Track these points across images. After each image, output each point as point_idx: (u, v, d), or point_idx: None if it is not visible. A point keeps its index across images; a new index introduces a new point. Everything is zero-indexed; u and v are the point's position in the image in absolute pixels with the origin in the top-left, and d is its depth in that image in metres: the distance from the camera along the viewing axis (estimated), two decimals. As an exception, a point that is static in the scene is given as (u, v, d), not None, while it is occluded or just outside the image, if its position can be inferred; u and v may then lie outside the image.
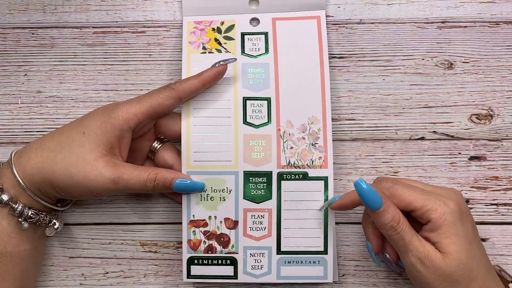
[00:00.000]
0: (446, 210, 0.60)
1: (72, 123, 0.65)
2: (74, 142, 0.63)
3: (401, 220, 0.60)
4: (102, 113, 0.64)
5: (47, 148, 0.63)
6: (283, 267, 0.69)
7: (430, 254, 0.59)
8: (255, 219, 0.69)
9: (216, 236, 0.69)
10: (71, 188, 0.63)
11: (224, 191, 0.68)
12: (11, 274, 0.64)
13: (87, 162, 0.62)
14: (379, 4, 0.72)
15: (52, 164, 0.62)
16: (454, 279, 0.59)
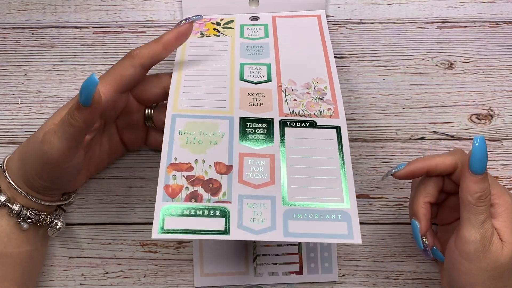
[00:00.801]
0: (511, 200, 0.60)
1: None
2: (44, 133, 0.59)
3: (489, 195, 0.59)
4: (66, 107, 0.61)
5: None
6: (291, 222, 0.54)
7: (495, 237, 0.58)
8: (254, 164, 0.57)
9: (203, 182, 0.56)
10: (36, 166, 0.60)
11: (215, 134, 0.58)
12: (12, 275, 0.63)
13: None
14: (379, 4, 0.72)
15: (25, 153, 0.61)
16: (501, 271, 0.58)
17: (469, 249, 0.58)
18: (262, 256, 0.71)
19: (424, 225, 0.62)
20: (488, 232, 0.58)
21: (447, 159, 0.61)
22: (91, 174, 0.68)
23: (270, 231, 0.53)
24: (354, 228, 0.53)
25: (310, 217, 0.54)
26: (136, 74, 0.62)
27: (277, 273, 0.71)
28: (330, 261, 0.71)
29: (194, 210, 0.54)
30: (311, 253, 0.71)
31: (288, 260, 0.71)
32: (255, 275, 0.71)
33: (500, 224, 0.59)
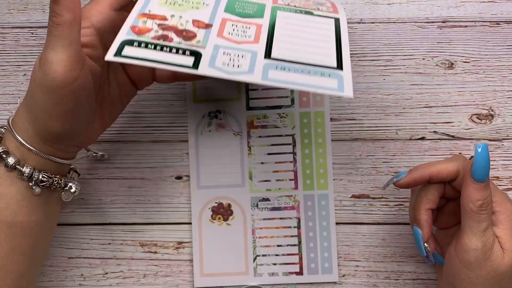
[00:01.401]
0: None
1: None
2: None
3: (491, 203, 0.59)
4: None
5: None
6: (273, 71, 0.50)
7: (496, 246, 0.58)
8: (237, 28, 0.53)
9: (176, 29, 0.52)
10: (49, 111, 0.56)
11: (199, 3, 0.55)
12: (21, 246, 0.59)
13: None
14: (379, 3, 0.72)
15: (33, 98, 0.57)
16: (500, 279, 0.58)
17: (469, 257, 0.58)
18: (262, 257, 0.71)
19: (426, 232, 0.62)
20: (489, 240, 0.58)
21: (449, 166, 0.61)
22: (106, 123, 0.64)
23: (245, 74, 0.49)
24: (345, 83, 0.49)
25: (296, 71, 0.50)
26: None
27: (277, 273, 0.71)
28: (330, 261, 0.71)
29: (160, 46, 0.49)
30: (311, 253, 0.71)
31: (288, 260, 0.71)
32: (255, 276, 0.71)
33: (501, 231, 0.59)
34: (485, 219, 0.58)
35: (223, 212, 0.71)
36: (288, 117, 0.71)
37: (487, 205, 0.58)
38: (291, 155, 0.71)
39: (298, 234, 0.71)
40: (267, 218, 0.71)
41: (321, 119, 0.71)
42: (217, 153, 0.71)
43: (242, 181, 0.71)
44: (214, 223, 0.71)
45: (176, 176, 0.72)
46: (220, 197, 0.71)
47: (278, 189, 0.71)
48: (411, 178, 0.62)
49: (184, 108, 0.72)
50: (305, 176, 0.71)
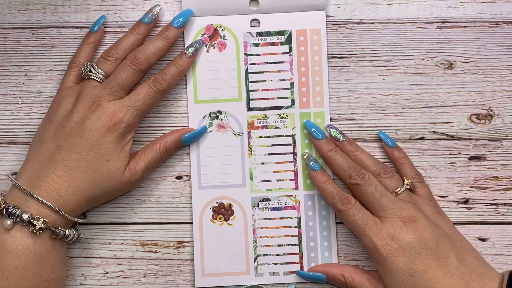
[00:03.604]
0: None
1: (84, 151, 0.66)
2: (105, 174, 0.66)
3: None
4: (111, 134, 0.66)
5: (79, 191, 0.66)
6: None
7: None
8: None
9: None
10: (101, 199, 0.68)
11: None
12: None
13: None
14: (379, 4, 0.72)
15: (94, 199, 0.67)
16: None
17: (379, 255, 0.66)
18: (263, 256, 0.71)
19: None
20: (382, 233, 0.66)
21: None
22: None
23: None
24: None
25: None
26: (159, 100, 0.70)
27: (277, 273, 0.71)
28: (330, 261, 0.71)
29: None
30: (312, 253, 0.71)
31: (289, 260, 0.71)
32: (256, 275, 0.71)
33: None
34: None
35: (224, 212, 0.71)
36: (288, 117, 0.71)
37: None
38: (292, 155, 0.71)
39: (298, 233, 0.71)
40: (268, 218, 0.71)
41: (321, 119, 0.71)
42: (217, 153, 0.71)
43: (242, 181, 0.71)
44: (215, 223, 0.71)
45: (177, 176, 0.72)
46: (221, 197, 0.71)
47: (279, 189, 0.71)
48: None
49: (185, 108, 0.72)
50: (305, 176, 0.71)
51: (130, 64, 0.67)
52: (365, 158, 0.69)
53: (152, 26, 0.70)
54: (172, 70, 0.69)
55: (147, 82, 0.68)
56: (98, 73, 0.68)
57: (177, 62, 0.69)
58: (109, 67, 0.68)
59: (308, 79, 0.72)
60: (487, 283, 0.64)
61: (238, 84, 0.72)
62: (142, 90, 0.67)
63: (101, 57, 0.69)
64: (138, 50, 0.68)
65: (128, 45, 0.69)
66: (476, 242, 0.71)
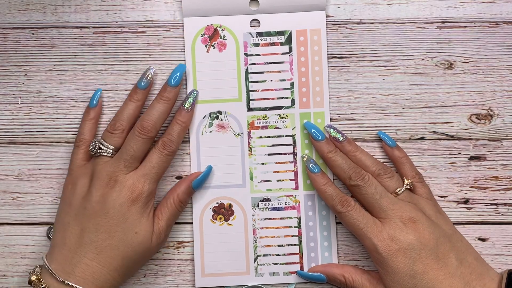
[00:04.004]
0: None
1: (112, 234, 0.66)
2: (136, 247, 0.66)
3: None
4: (135, 206, 0.66)
5: (114, 270, 0.66)
6: None
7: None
8: None
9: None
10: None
11: None
12: None
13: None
14: (379, 4, 0.72)
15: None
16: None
17: (380, 256, 0.66)
18: (263, 256, 0.71)
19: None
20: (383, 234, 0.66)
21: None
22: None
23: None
24: None
25: None
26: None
27: (277, 273, 0.71)
28: (330, 261, 0.71)
29: None
30: (312, 253, 0.71)
31: (289, 260, 0.71)
32: (256, 275, 0.71)
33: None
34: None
35: (224, 212, 0.71)
36: (288, 117, 0.71)
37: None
38: (292, 156, 0.71)
39: (298, 234, 0.71)
40: (268, 218, 0.71)
41: (321, 119, 0.71)
42: (218, 154, 0.71)
43: (243, 181, 0.71)
44: (215, 223, 0.71)
45: (177, 176, 0.72)
46: (221, 197, 0.71)
47: (279, 189, 0.71)
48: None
49: (185, 108, 0.72)
50: (305, 176, 0.71)
51: (139, 134, 0.67)
52: (365, 158, 0.69)
53: (149, 90, 0.70)
54: (177, 129, 0.69)
55: (157, 147, 0.68)
56: (108, 149, 0.68)
57: (178, 120, 0.69)
58: (117, 140, 0.68)
59: (308, 79, 0.72)
60: (487, 283, 0.64)
61: (238, 84, 0.72)
62: (154, 156, 0.68)
63: (106, 131, 0.69)
64: (144, 118, 0.68)
65: (130, 114, 0.69)
66: (476, 242, 0.71)
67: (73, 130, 0.72)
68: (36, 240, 0.72)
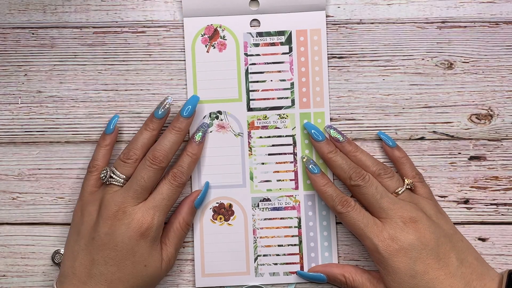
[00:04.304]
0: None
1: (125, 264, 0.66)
2: (146, 278, 0.67)
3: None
4: (144, 240, 0.66)
5: None
6: None
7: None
8: None
9: None
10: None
11: None
12: None
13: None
14: (379, 4, 0.72)
15: None
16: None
17: (380, 256, 0.66)
18: (263, 257, 0.71)
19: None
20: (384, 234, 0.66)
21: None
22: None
23: None
24: None
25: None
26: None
27: (278, 273, 0.71)
28: (330, 261, 0.71)
29: None
30: (312, 253, 0.71)
31: (289, 260, 0.71)
32: (256, 275, 0.71)
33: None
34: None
35: (224, 212, 0.71)
36: (288, 117, 0.71)
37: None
38: (292, 156, 0.71)
39: (298, 234, 0.71)
40: (268, 218, 0.71)
41: (321, 119, 0.71)
42: (218, 154, 0.71)
43: (243, 181, 0.71)
44: (215, 223, 0.71)
45: (177, 176, 0.72)
46: (221, 197, 0.71)
47: (279, 189, 0.71)
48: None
49: (185, 108, 0.72)
50: (305, 176, 0.71)
51: (150, 165, 0.67)
52: (365, 158, 0.69)
53: (165, 119, 0.69)
54: (187, 161, 0.69)
55: (167, 179, 0.68)
56: (120, 178, 0.67)
57: (189, 152, 0.69)
58: (129, 169, 0.68)
59: (308, 79, 0.72)
60: (487, 283, 0.64)
61: (238, 84, 0.72)
62: (164, 188, 0.68)
63: (119, 159, 0.68)
64: (156, 148, 0.68)
65: (144, 143, 0.68)
66: (476, 242, 0.71)
67: (73, 130, 0.72)
68: (36, 240, 0.72)
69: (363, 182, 0.67)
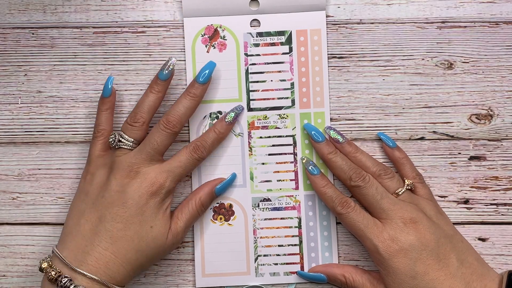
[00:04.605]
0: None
1: (129, 225, 0.66)
2: (150, 241, 0.66)
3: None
4: (153, 200, 0.66)
5: (127, 262, 0.65)
6: None
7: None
8: None
9: None
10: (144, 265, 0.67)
11: None
12: None
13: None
14: (379, 4, 0.72)
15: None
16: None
17: (380, 257, 0.66)
18: (264, 257, 0.71)
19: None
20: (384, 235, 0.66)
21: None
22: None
23: None
24: None
25: None
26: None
27: (278, 273, 0.71)
28: (331, 261, 0.71)
29: None
30: (312, 253, 0.71)
31: (289, 260, 0.71)
32: (256, 276, 0.71)
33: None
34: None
35: (224, 213, 0.71)
36: (288, 118, 0.71)
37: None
38: (292, 156, 0.71)
39: (299, 234, 0.71)
40: (268, 218, 0.71)
41: (321, 119, 0.71)
42: (218, 154, 0.71)
43: (243, 181, 0.71)
44: (215, 223, 0.71)
45: (177, 176, 0.72)
46: (221, 197, 0.71)
47: (279, 189, 0.71)
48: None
49: (185, 108, 0.72)
50: (305, 176, 0.71)
51: (164, 128, 0.67)
52: (365, 159, 0.69)
53: (170, 81, 0.68)
54: (212, 137, 0.69)
55: (188, 149, 0.68)
56: (128, 142, 0.67)
57: (217, 129, 0.69)
58: (138, 133, 0.68)
59: (308, 79, 0.72)
60: (487, 283, 0.65)
61: (238, 85, 0.72)
62: (183, 156, 0.68)
63: (126, 123, 0.68)
64: (170, 113, 0.67)
65: (150, 106, 0.68)
66: (476, 242, 0.71)
67: (73, 130, 0.72)
68: (36, 240, 0.72)
69: (363, 183, 0.67)
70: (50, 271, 0.63)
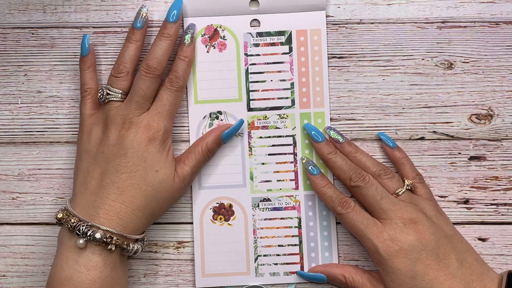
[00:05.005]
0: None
1: (134, 172, 0.66)
2: (157, 185, 0.67)
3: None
4: (153, 145, 0.67)
5: (137, 209, 0.66)
6: None
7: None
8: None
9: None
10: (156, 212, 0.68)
11: None
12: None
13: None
14: (379, 4, 0.72)
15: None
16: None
17: (380, 257, 0.66)
18: (263, 257, 0.71)
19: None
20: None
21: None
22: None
23: None
24: None
25: None
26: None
27: (278, 273, 0.71)
28: (331, 261, 0.71)
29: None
30: (312, 253, 0.71)
31: (289, 260, 0.71)
32: (256, 276, 0.71)
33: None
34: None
35: (224, 213, 0.71)
36: (288, 117, 0.71)
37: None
38: (292, 156, 0.72)
39: (299, 234, 0.71)
40: (268, 218, 0.71)
41: (321, 119, 0.71)
42: (218, 154, 0.71)
43: (243, 181, 0.71)
44: (215, 223, 0.71)
45: (177, 176, 0.72)
46: (221, 197, 0.71)
47: (279, 189, 0.71)
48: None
49: (185, 108, 0.72)
50: (305, 176, 0.71)
51: (145, 74, 0.67)
52: (365, 159, 0.69)
53: (145, 29, 0.70)
54: (181, 65, 0.69)
55: (165, 85, 0.68)
56: (117, 93, 0.68)
57: (181, 56, 0.69)
58: (124, 83, 0.68)
59: (308, 79, 0.72)
60: (487, 284, 0.65)
61: (238, 85, 0.72)
62: (163, 94, 0.68)
63: (111, 76, 0.69)
64: (148, 57, 0.68)
65: (131, 55, 0.69)
66: (476, 242, 0.71)
67: (73, 130, 0.72)
68: (36, 240, 0.72)
69: (363, 183, 0.67)
70: (69, 219, 0.64)
